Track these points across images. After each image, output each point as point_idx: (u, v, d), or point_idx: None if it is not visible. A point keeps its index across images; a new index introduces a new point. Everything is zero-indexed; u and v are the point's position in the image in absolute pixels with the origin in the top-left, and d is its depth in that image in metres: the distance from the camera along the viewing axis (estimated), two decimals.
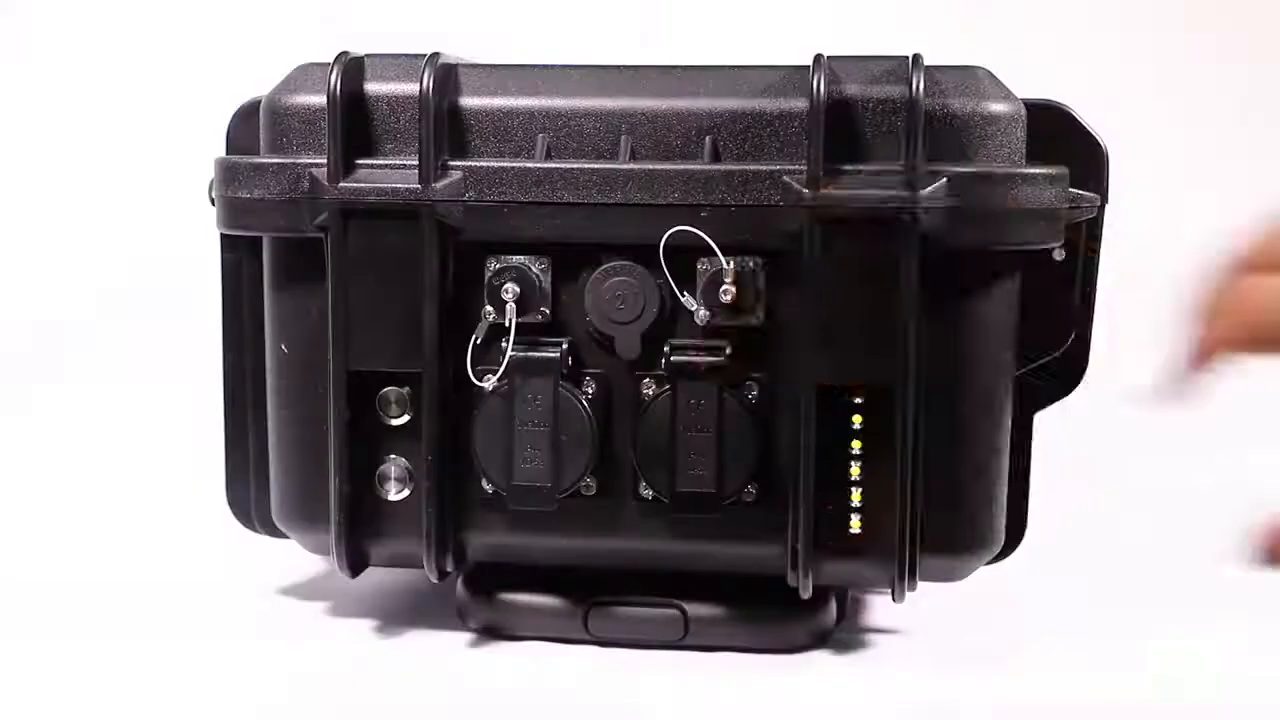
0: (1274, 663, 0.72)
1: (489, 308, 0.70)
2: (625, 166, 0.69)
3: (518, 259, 0.70)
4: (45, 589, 0.82)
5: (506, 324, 0.69)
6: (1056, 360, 0.74)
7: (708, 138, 0.69)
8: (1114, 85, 1.14)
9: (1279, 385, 1.19)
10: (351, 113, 0.70)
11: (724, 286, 0.67)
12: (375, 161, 0.70)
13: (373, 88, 0.71)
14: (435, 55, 0.70)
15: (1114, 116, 0.72)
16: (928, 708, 0.67)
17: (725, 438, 0.69)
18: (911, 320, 0.67)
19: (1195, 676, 0.70)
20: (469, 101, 0.71)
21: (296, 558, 0.79)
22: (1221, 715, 0.67)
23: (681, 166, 0.68)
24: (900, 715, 0.67)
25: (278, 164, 0.71)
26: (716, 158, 0.69)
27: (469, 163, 0.70)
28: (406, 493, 0.72)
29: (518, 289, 0.69)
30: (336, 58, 0.70)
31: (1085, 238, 0.73)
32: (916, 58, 0.68)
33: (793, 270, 0.68)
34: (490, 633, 0.74)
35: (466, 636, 0.74)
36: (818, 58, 0.68)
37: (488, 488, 0.71)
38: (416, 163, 0.69)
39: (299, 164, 0.70)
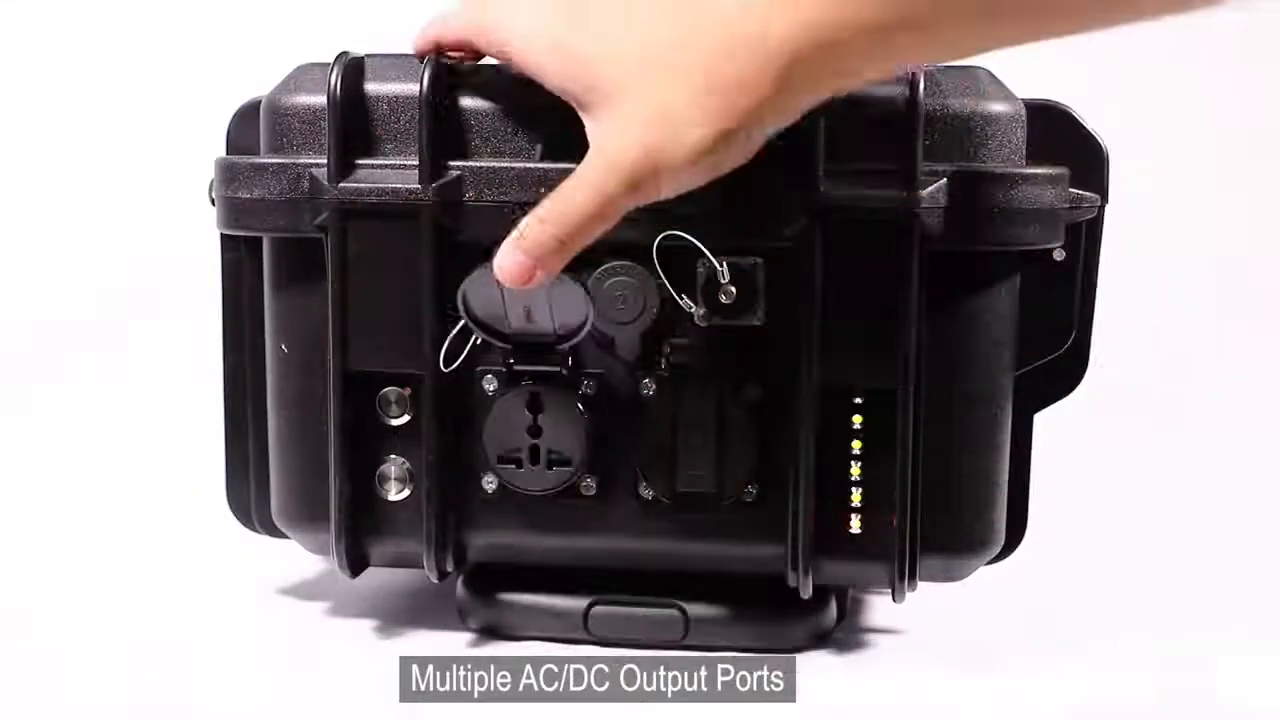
0: (1274, 662, 0.72)
1: None
2: None
3: None
4: (45, 589, 0.82)
5: None
6: (1056, 360, 0.73)
7: None
8: (1114, 85, 1.14)
9: (1277, 386, 1.19)
10: (351, 113, 0.70)
11: (723, 288, 0.67)
12: (375, 161, 0.70)
13: (373, 88, 0.71)
14: (435, 55, 0.70)
15: (1114, 116, 0.72)
16: (928, 708, 0.67)
17: (725, 438, 0.69)
18: (912, 320, 0.67)
19: (1195, 676, 0.70)
20: (469, 101, 0.71)
21: (296, 558, 0.79)
22: (1221, 714, 0.67)
23: None
24: (900, 715, 0.67)
25: (278, 164, 0.71)
26: None
27: (469, 163, 0.70)
28: (406, 493, 0.72)
29: None
30: (336, 58, 0.70)
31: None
32: None
33: (793, 270, 0.68)
34: (490, 633, 0.74)
35: (466, 636, 0.74)
36: None
37: (489, 487, 0.71)
38: (416, 163, 0.69)
39: (299, 164, 0.70)
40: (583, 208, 0.62)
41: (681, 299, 0.68)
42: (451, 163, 0.70)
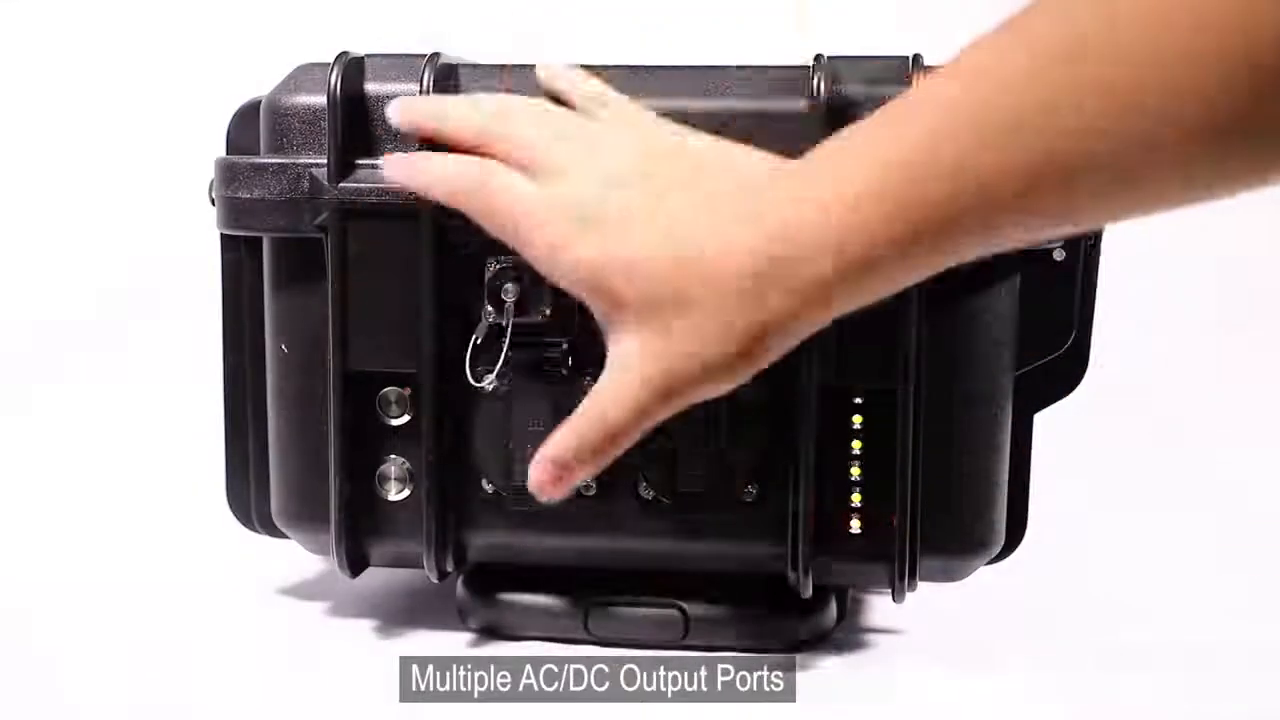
0: (1273, 661, 0.72)
1: (489, 308, 0.69)
2: None
3: (518, 259, 0.70)
4: (45, 589, 0.82)
5: (505, 325, 0.69)
6: (1056, 360, 0.73)
7: None
8: None
9: (1277, 387, 1.19)
10: (351, 113, 0.70)
11: None
12: (375, 162, 0.70)
13: (373, 88, 0.71)
14: (435, 55, 0.70)
15: None
16: (928, 708, 0.67)
17: (725, 438, 0.69)
18: (912, 320, 0.67)
19: (1195, 676, 0.70)
20: None
21: (296, 558, 0.79)
22: (1221, 715, 0.67)
23: None
24: (900, 715, 0.67)
25: (278, 164, 0.71)
26: None
27: None
28: (406, 493, 0.72)
29: (518, 289, 0.69)
30: (336, 58, 0.70)
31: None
32: (916, 58, 0.68)
33: None
34: (490, 633, 0.74)
35: (466, 636, 0.74)
36: (818, 58, 0.68)
37: (488, 488, 0.71)
38: None
39: (299, 164, 0.71)
40: (614, 425, 0.60)
41: None
42: None
